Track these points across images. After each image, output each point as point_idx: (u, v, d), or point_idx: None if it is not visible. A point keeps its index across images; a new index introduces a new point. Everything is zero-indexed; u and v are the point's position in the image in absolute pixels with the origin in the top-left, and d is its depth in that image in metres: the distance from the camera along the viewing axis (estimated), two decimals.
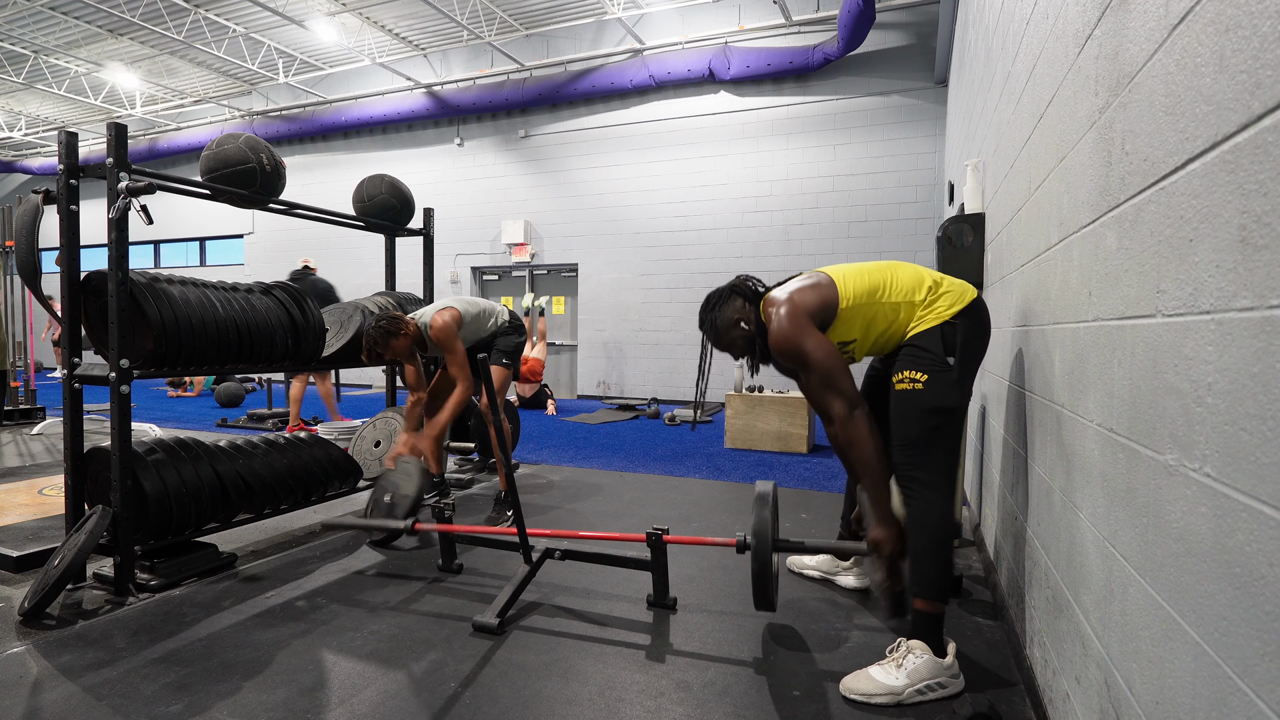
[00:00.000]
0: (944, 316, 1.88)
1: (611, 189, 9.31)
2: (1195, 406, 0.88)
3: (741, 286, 2.12)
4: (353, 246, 10.90)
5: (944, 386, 1.83)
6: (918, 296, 1.92)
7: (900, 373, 1.89)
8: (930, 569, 1.81)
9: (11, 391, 6.62)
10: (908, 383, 1.86)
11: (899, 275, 1.96)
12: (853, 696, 1.76)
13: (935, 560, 1.81)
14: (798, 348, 1.91)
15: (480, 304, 3.55)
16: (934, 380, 1.83)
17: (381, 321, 3.13)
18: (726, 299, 2.12)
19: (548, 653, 2.01)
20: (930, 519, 1.83)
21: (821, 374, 1.89)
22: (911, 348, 1.89)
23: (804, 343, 1.90)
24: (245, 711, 1.67)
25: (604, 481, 4.26)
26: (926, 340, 1.87)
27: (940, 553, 1.82)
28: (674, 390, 9.02)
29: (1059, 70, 1.64)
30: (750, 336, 2.09)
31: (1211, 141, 0.85)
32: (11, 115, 13.13)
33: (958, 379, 1.86)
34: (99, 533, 2.27)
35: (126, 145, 2.37)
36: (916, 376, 1.85)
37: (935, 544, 1.82)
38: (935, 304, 1.91)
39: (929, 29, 7.61)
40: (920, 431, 1.84)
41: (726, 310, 2.11)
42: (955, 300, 1.90)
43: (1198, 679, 0.85)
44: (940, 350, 1.86)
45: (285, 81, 10.60)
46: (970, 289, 1.95)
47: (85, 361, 2.47)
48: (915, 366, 1.86)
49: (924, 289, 1.93)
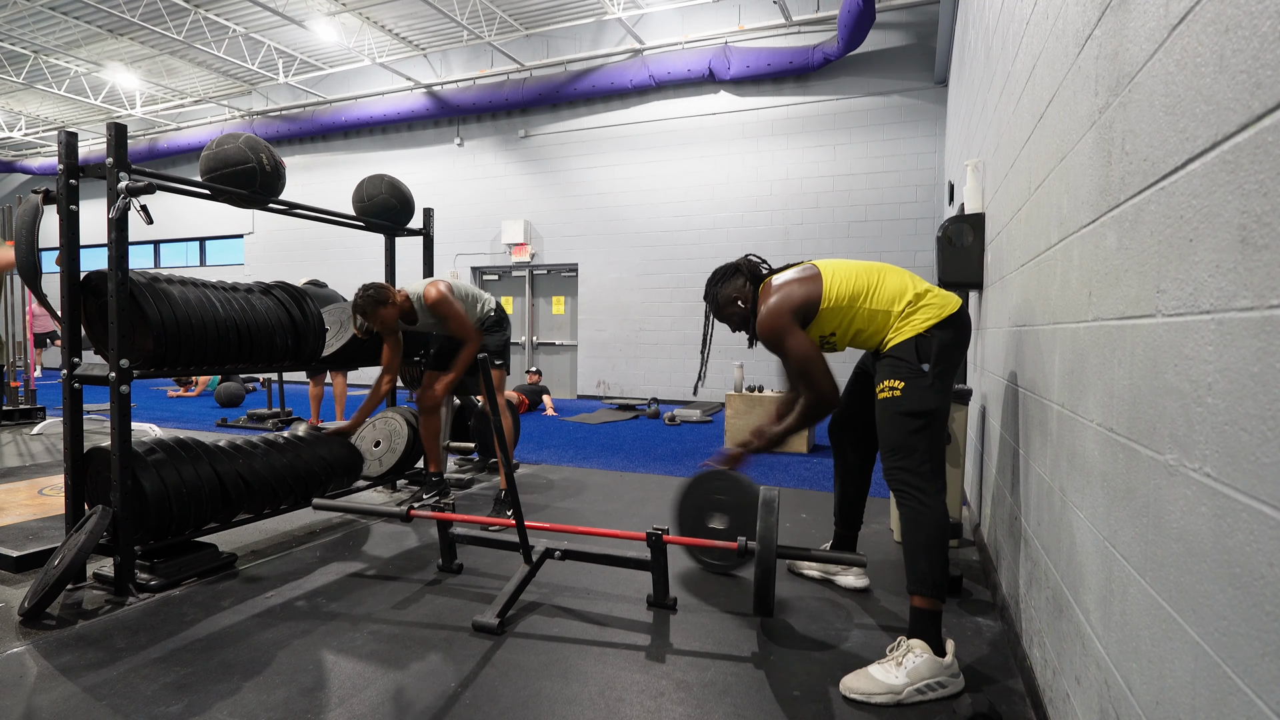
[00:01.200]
0: (919, 329, 1.96)
1: (611, 189, 9.31)
2: (1195, 406, 0.88)
3: (745, 265, 2.26)
4: (352, 246, 10.90)
5: (920, 391, 1.92)
6: (897, 307, 2.00)
7: (881, 383, 1.99)
8: (926, 565, 1.84)
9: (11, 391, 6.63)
10: (887, 391, 1.96)
11: (885, 282, 2.05)
12: (853, 696, 1.76)
13: (930, 557, 1.84)
14: (779, 341, 2.08)
15: (469, 288, 3.62)
16: (910, 386, 1.92)
17: (369, 290, 3.23)
18: (730, 276, 2.26)
19: (548, 653, 2.01)
20: (922, 517, 1.87)
21: (797, 367, 2.09)
22: (889, 359, 1.99)
23: (784, 339, 2.07)
24: (245, 711, 1.67)
25: (604, 481, 4.26)
26: (902, 351, 1.97)
27: (935, 549, 1.85)
28: (674, 390, 9.02)
29: (1059, 70, 1.64)
30: (745, 315, 2.24)
31: (1211, 141, 0.85)
32: (11, 115, 13.13)
33: (933, 383, 1.92)
34: (99, 533, 2.27)
35: (126, 145, 2.37)
36: (894, 384, 1.95)
37: (930, 541, 1.85)
38: (912, 316, 1.98)
39: (929, 29, 7.61)
40: (901, 435, 1.92)
41: (728, 287, 2.26)
42: (934, 315, 1.97)
43: (1198, 679, 0.85)
44: (914, 359, 1.94)
45: (285, 81, 10.60)
46: (953, 301, 2.01)
47: (85, 361, 2.47)
48: (893, 375, 1.96)
49: (904, 300, 2.00)
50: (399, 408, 3.92)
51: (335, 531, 3.18)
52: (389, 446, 3.74)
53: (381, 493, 3.87)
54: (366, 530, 3.21)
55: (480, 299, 3.63)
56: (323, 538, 3.08)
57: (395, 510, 2.60)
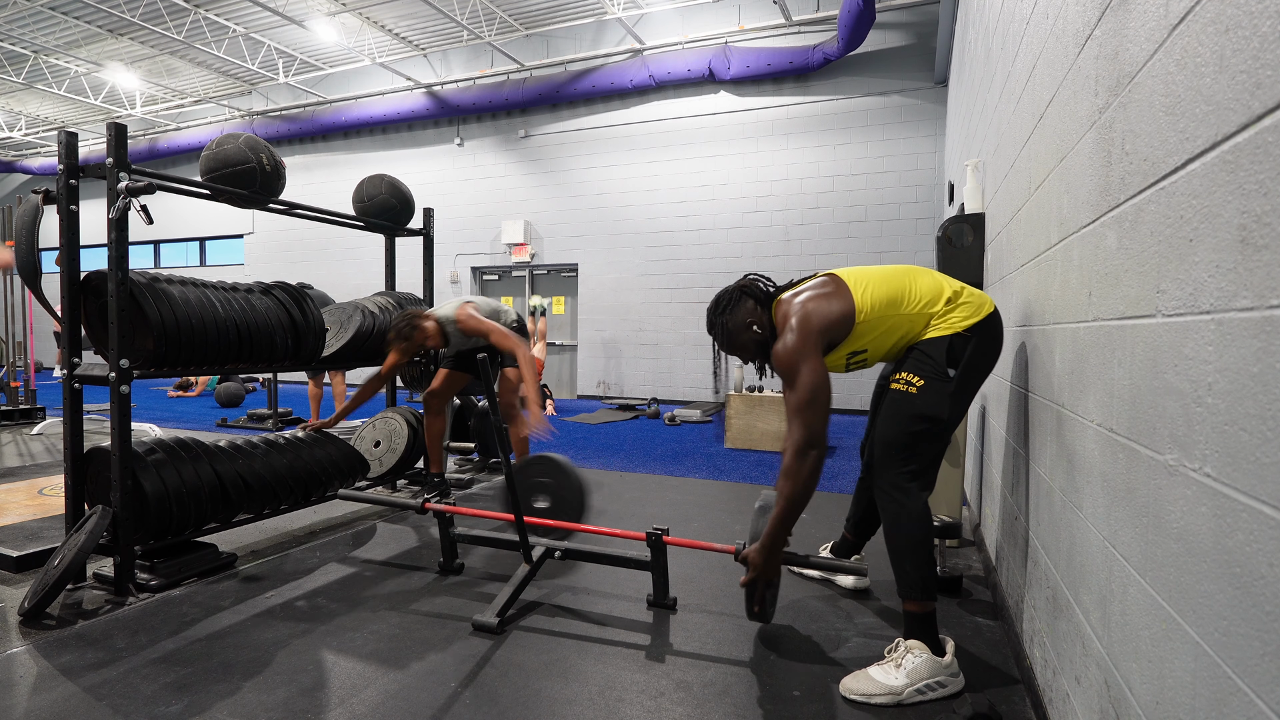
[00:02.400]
0: (956, 328, 1.86)
1: (611, 189, 9.31)
2: (1195, 406, 0.88)
3: (751, 287, 2.05)
4: (352, 246, 10.90)
5: (937, 395, 1.83)
6: (936, 308, 1.89)
7: (899, 374, 1.88)
8: (910, 569, 1.80)
9: (11, 391, 6.63)
10: (903, 384, 1.86)
11: (919, 284, 1.92)
12: (852, 697, 1.76)
13: (914, 559, 1.80)
14: (795, 368, 1.84)
15: (491, 303, 3.69)
16: (929, 387, 1.83)
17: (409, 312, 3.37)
18: (738, 301, 2.04)
19: (548, 652, 2.01)
20: (902, 519, 1.82)
21: (805, 398, 1.82)
22: (917, 352, 1.88)
23: (800, 366, 1.83)
24: (245, 711, 1.67)
25: (604, 481, 4.26)
26: (933, 348, 1.86)
27: (917, 551, 1.80)
28: (674, 390, 9.02)
29: (1059, 70, 1.64)
30: (763, 340, 2.02)
31: (1211, 141, 0.85)
32: (11, 115, 13.13)
33: (954, 392, 1.85)
34: (99, 533, 2.27)
35: (126, 145, 2.37)
36: (913, 380, 1.84)
37: (911, 543, 1.81)
38: (950, 315, 1.88)
39: (929, 29, 7.61)
40: (903, 435, 1.84)
41: (738, 313, 2.03)
42: (971, 313, 1.88)
43: (1198, 679, 0.85)
44: (943, 359, 1.85)
45: (285, 81, 10.60)
46: (988, 301, 1.92)
47: (85, 361, 2.47)
48: (915, 370, 1.85)
49: (943, 299, 1.90)
50: (399, 408, 3.92)
51: (335, 531, 3.18)
52: (389, 446, 3.74)
53: (381, 492, 3.87)
54: (367, 530, 3.21)
55: (502, 311, 3.70)
56: (323, 538, 3.08)
57: (410, 502, 2.68)
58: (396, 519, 3.41)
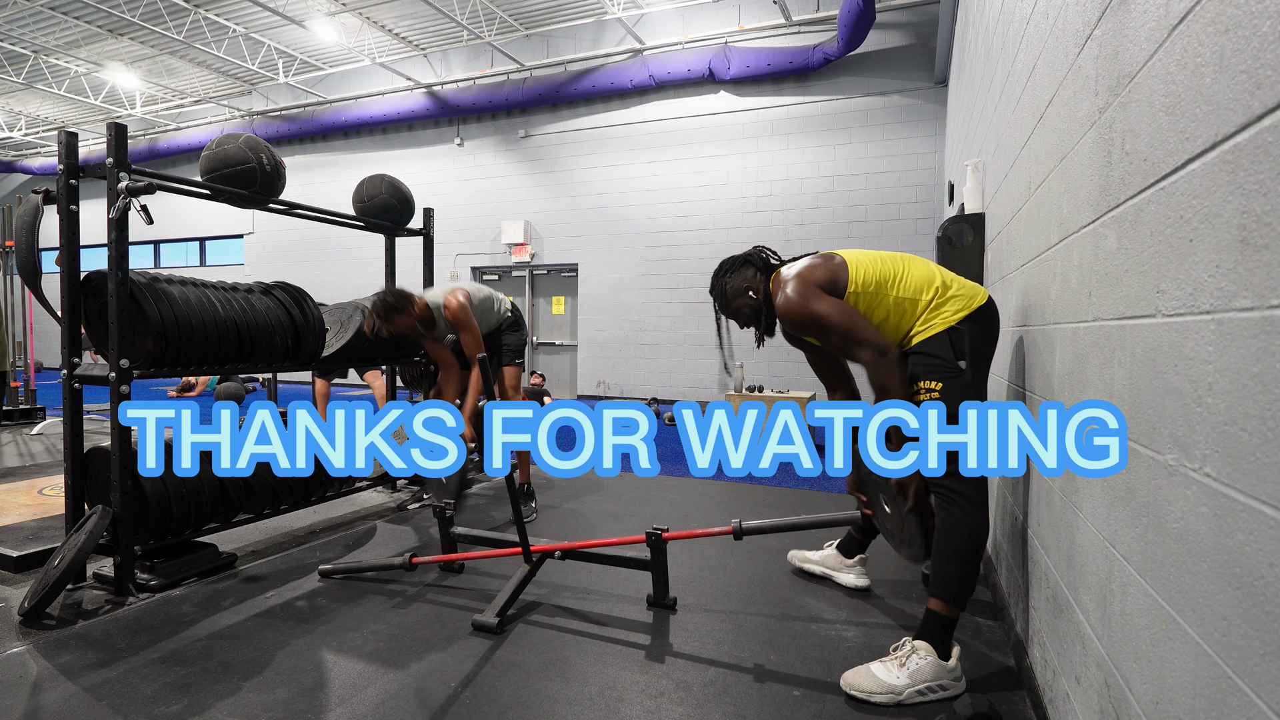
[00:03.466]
0: (950, 322, 1.87)
1: (611, 189, 9.31)
2: (1195, 406, 0.88)
3: (755, 256, 2.13)
4: (352, 246, 10.90)
5: (960, 390, 1.83)
6: (925, 296, 1.90)
7: (916, 384, 1.88)
8: (954, 572, 1.79)
9: (11, 391, 6.62)
10: (924, 393, 1.86)
11: (911, 270, 1.95)
12: (852, 692, 1.76)
13: (961, 565, 1.79)
14: (809, 313, 1.91)
15: (484, 290, 3.65)
16: (950, 386, 1.83)
17: (389, 297, 3.18)
18: (739, 267, 2.13)
19: (547, 652, 2.01)
20: (961, 525, 1.81)
21: (842, 331, 1.88)
22: (921, 355, 1.88)
23: (814, 306, 1.90)
24: (245, 711, 1.67)
25: (604, 481, 4.26)
26: (934, 346, 1.86)
27: (967, 559, 1.80)
28: (674, 390, 9.01)
29: (1059, 70, 1.64)
30: (756, 306, 2.10)
31: (1211, 141, 0.85)
32: (11, 115, 13.13)
33: (972, 381, 1.85)
34: (99, 533, 2.27)
35: (126, 145, 2.37)
36: (932, 386, 1.84)
37: (965, 549, 1.80)
38: (942, 308, 1.89)
39: (929, 29, 7.60)
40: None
41: (737, 278, 2.11)
42: (963, 305, 1.88)
43: (1198, 679, 0.85)
44: (950, 355, 1.85)
45: (285, 81, 10.60)
46: (981, 292, 1.93)
47: (85, 361, 2.47)
48: (929, 375, 1.86)
49: (932, 289, 1.91)
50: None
51: (335, 531, 3.18)
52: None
53: (381, 492, 3.87)
54: (367, 531, 3.21)
55: (497, 299, 3.68)
56: (323, 537, 3.08)
57: (396, 563, 2.56)
58: (397, 519, 3.41)
